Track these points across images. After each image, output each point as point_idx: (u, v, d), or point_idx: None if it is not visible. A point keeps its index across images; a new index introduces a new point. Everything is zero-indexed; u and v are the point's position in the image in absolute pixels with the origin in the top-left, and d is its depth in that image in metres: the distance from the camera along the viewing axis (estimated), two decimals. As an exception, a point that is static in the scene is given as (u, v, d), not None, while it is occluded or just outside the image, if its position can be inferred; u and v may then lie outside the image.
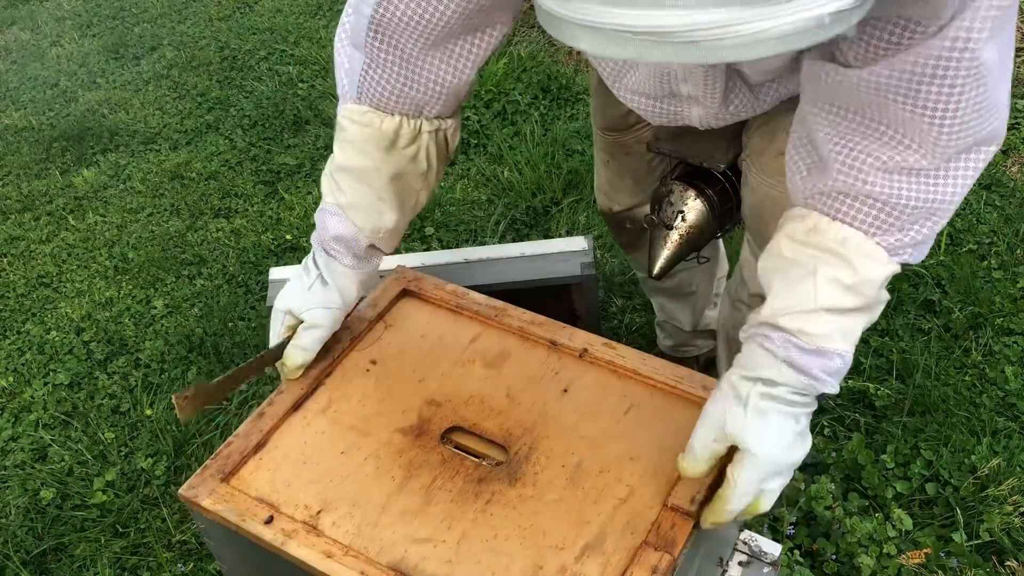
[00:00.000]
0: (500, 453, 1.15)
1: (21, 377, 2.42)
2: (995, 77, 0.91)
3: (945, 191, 0.98)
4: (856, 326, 1.03)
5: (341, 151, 1.25)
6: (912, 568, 1.75)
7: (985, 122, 0.94)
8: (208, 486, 1.13)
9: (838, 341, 1.02)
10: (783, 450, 1.03)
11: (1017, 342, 2.19)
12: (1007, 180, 2.66)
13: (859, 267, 1.00)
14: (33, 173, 3.19)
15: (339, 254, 1.27)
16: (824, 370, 1.02)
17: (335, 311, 1.26)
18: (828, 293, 1.00)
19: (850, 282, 1.00)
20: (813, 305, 1.01)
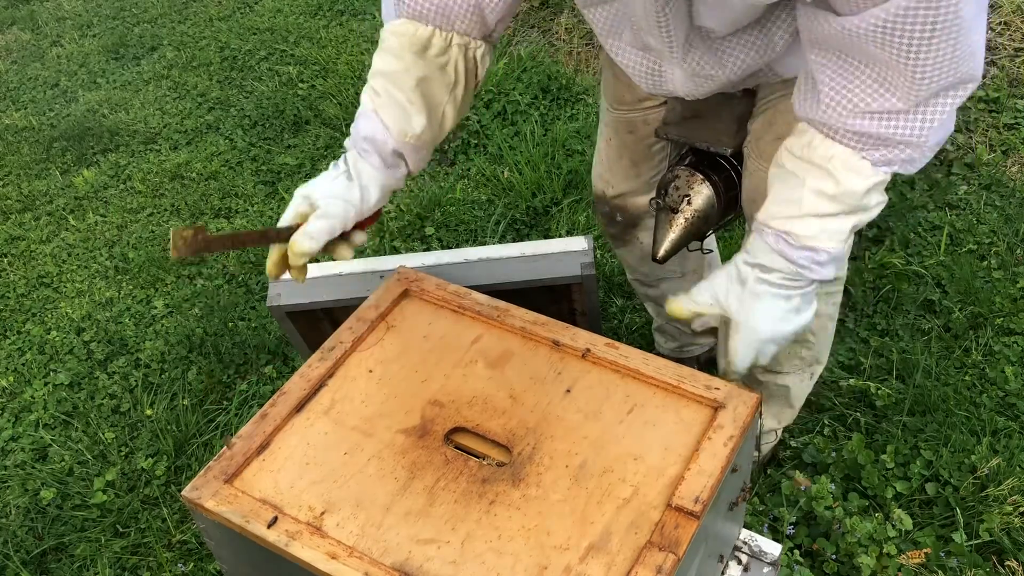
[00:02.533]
0: (503, 454, 1.15)
1: (21, 377, 2.42)
2: (970, 24, 1.01)
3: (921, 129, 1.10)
4: (843, 226, 1.18)
5: (378, 58, 1.35)
6: (912, 568, 1.75)
7: (960, 65, 1.04)
8: (211, 487, 1.13)
9: (824, 240, 1.18)
10: (774, 323, 1.22)
11: (1017, 342, 2.19)
12: (1007, 180, 2.66)
13: (842, 180, 1.14)
14: (33, 173, 3.18)
15: (367, 154, 1.32)
16: (812, 261, 1.19)
17: (351, 207, 1.29)
18: (812, 202, 1.16)
19: (833, 192, 1.15)
20: (799, 212, 1.17)
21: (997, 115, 2.90)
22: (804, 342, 1.67)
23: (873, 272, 2.38)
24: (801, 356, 1.70)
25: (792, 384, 1.76)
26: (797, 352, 1.69)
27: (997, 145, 2.79)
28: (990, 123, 2.88)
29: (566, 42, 3.48)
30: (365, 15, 3.86)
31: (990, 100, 2.94)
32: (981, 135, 2.83)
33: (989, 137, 2.82)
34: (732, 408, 1.16)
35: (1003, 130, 2.85)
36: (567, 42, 3.48)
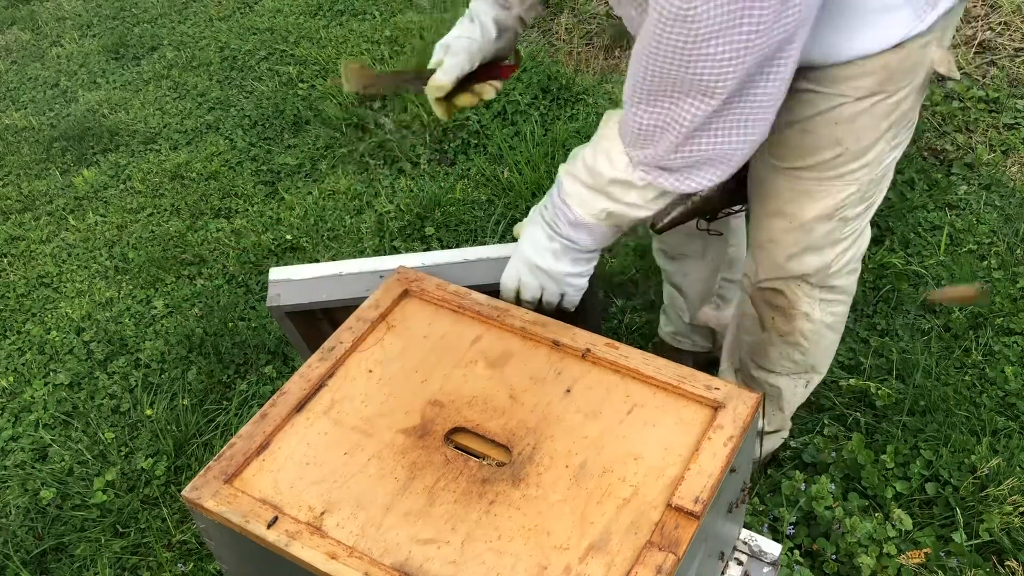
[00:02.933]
0: (503, 454, 1.15)
1: (21, 377, 2.42)
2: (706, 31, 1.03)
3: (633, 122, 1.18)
4: (593, 201, 1.28)
5: None
6: (912, 568, 1.75)
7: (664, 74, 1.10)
8: (211, 487, 1.13)
9: (574, 203, 1.29)
10: (534, 247, 1.34)
11: (1017, 342, 2.19)
12: (1007, 180, 2.66)
13: (597, 159, 1.25)
14: (33, 173, 3.18)
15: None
16: (560, 214, 1.31)
17: (473, 42, 1.50)
18: (579, 166, 1.28)
19: (590, 165, 1.26)
20: (571, 168, 1.30)
21: (997, 115, 2.90)
22: (796, 344, 1.66)
23: (873, 272, 2.38)
24: (793, 359, 1.69)
25: (784, 387, 1.75)
26: (788, 353, 1.68)
27: (997, 145, 2.79)
28: (990, 123, 2.88)
29: (566, 42, 3.48)
30: (365, 15, 3.86)
31: (990, 100, 2.94)
32: (981, 135, 2.83)
33: (989, 137, 2.82)
34: (732, 408, 1.16)
35: (1003, 130, 2.85)
36: (567, 42, 3.48)
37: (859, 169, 1.40)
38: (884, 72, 1.29)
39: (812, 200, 1.44)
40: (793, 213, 1.47)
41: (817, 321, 1.61)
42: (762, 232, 1.54)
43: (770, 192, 1.48)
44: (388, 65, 3.43)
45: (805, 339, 1.65)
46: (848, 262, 1.56)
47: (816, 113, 1.35)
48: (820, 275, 1.54)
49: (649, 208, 1.27)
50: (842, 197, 1.43)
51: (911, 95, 1.35)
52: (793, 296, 1.57)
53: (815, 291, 1.57)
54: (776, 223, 1.50)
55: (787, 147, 1.40)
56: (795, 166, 1.42)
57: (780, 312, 1.61)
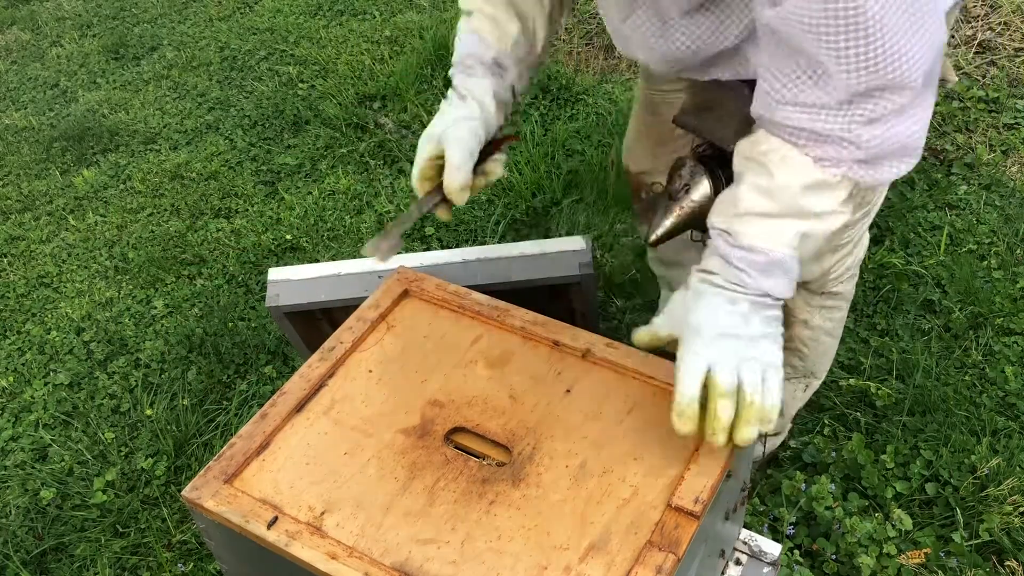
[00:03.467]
0: (503, 454, 1.15)
1: (21, 377, 2.42)
2: (881, 27, 0.97)
3: (849, 124, 1.05)
4: (784, 228, 1.11)
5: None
6: (912, 568, 1.75)
7: (878, 70, 1.00)
8: (211, 487, 1.13)
9: (761, 239, 1.10)
10: (716, 318, 1.10)
11: (1017, 342, 2.19)
12: (1007, 180, 2.66)
13: (776, 173, 1.09)
14: (33, 173, 3.18)
15: (470, 69, 1.35)
16: (748, 263, 1.11)
17: (474, 121, 1.30)
18: (749, 199, 1.11)
19: (767, 186, 1.10)
20: (736, 210, 1.12)
21: (997, 115, 2.90)
22: (795, 350, 1.65)
23: (873, 272, 2.38)
24: (792, 364, 1.68)
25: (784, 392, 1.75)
26: (788, 359, 1.67)
27: (997, 145, 2.79)
28: (990, 123, 2.88)
29: (566, 42, 3.48)
30: (365, 15, 3.86)
31: (990, 100, 2.94)
32: (981, 135, 2.83)
33: (989, 137, 2.82)
34: (732, 408, 1.16)
35: (1003, 130, 2.85)
36: (567, 42, 3.48)
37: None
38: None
39: None
40: None
41: (816, 327, 1.61)
42: None
43: None
44: (388, 65, 3.43)
45: (804, 345, 1.64)
46: (848, 268, 1.55)
47: None
48: (819, 282, 1.54)
49: (843, 213, 1.13)
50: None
51: None
52: (792, 303, 1.56)
53: (814, 298, 1.56)
54: None
55: None
56: None
57: None
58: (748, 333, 1.10)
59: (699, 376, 1.07)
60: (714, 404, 1.06)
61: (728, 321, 1.10)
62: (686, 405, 1.07)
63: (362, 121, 3.19)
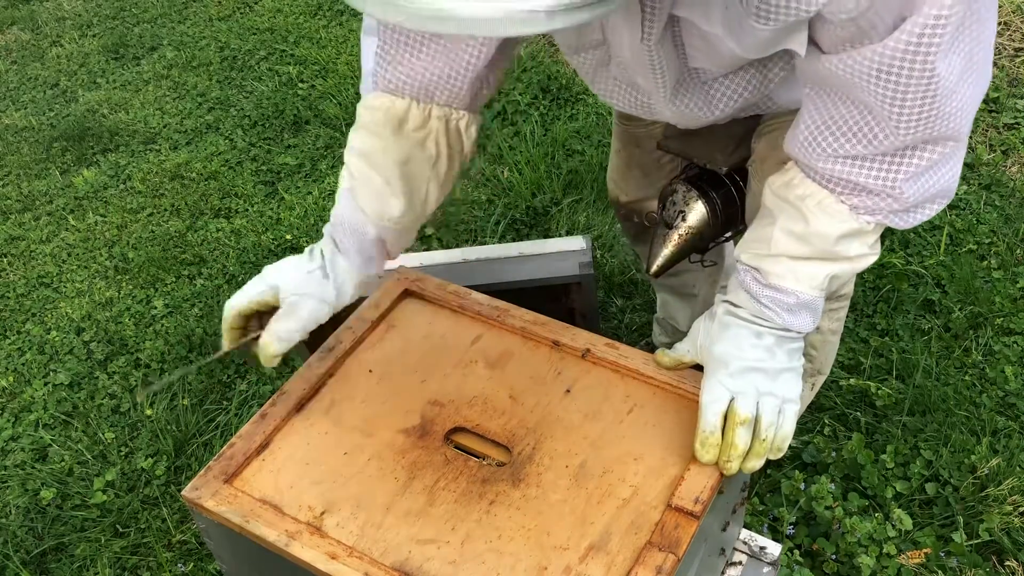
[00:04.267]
0: (503, 454, 1.16)
1: (21, 377, 2.42)
2: (948, 86, 0.97)
3: (891, 179, 1.06)
4: (815, 271, 1.13)
5: (355, 135, 1.27)
6: (912, 568, 1.75)
7: (934, 126, 1.01)
8: (211, 487, 1.13)
9: (791, 282, 1.13)
10: (741, 351, 1.14)
11: (1017, 342, 2.19)
12: (1007, 180, 2.66)
13: (812, 221, 1.11)
14: (33, 173, 3.18)
15: (345, 247, 1.27)
16: (775, 303, 1.14)
17: (325, 306, 1.25)
18: (782, 242, 1.13)
19: (802, 232, 1.11)
20: (768, 251, 1.14)
21: (997, 115, 2.90)
22: (805, 355, 1.66)
23: (873, 272, 2.38)
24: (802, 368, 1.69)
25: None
26: None
27: (997, 145, 2.79)
28: (990, 123, 2.88)
29: (566, 42, 3.48)
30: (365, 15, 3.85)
31: (990, 100, 2.94)
32: (981, 135, 2.83)
33: (989, 137, 2.82)
34: (732, 408, 1.16)
35: (1003, 130, 2.85)
36: (567, 42, 3.48)
37: None
38: None
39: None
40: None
41: (825, 331, 1.62)
42: None
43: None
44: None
45: (813, 349, 1.65)
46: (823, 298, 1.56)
47: None
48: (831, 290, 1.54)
49: (872, 255, 1.15)
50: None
51: None
52: None
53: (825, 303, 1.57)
54: None
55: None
56: None
57: None
58: (773, 367, 1.14)
59: (723, 408, 1.12)
60: (732, 433, 1.11)
61: (753, 355, 1.14)
62: (709, 434, 1.11)
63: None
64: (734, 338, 1.15)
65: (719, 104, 1.26)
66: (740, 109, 1.29)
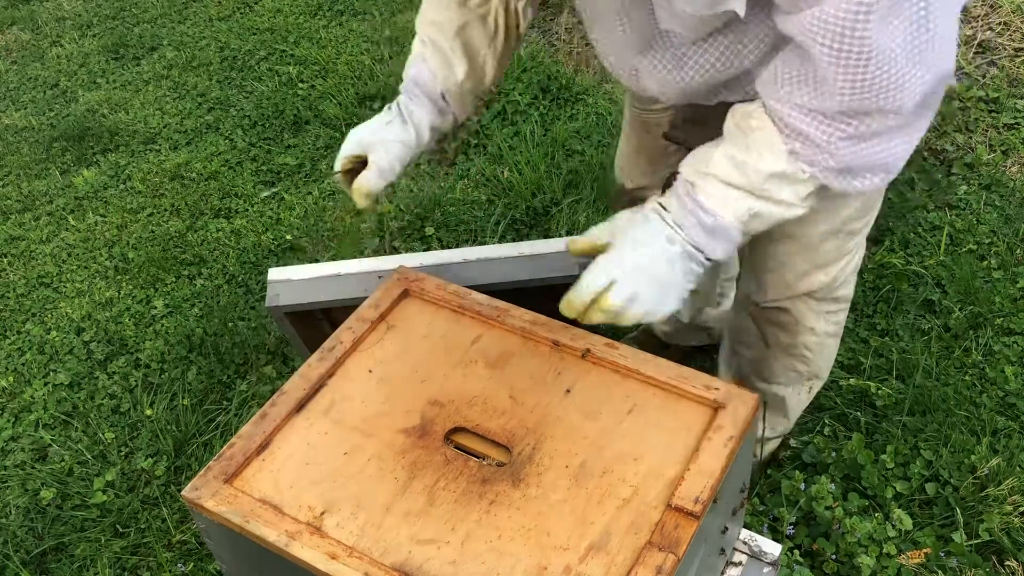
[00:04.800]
0: (503, 454, 1.16)
1: (21, 377, 2.42)
2: (884, 59, 1.01)
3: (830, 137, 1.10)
4: (739, 201, 1.17)
5: (426, 5, 1.45)
6: (912, 568, 1.75)
7: (869, 95, 1.05)
8: (211, 487, 1.13)
9: (716, 202, 1.18)
10: (649, 247, 1.19)
11: (1017, 342, 2.19)
12: (1007, 180, 2.66)
13: (752, 152, 1.15)
14: (33, 173, 3.18)
15: (418, 97, 1.42)
16: (696, 220, 1.19)
17: (407, 147, 1.40)
18: (720, 164, 1.17)
19: (740, 160, 1.16)
20: (706, 168, 1.19)
21: (997, 115, 2.90)
22: (800, 356, 1.66)
23: (873, 272, 2.38)
24: (797, 369, 1.69)
25: (788, 396, 1.75)
26: (792, 365, 1.68)
27: (997, 145, 2.79)
28: (990, 123, 2.88)
29: (566, 42, 3.48)
30: (365, 15, 3.86)
31: (990, 100, 2.94)
32: (981, 135, 2.83)
33: (989, 137, 2.82)
34: (732, 408, 1.16)
35: (1003, 130, 2.85)
36: (567, 42, 3.48)
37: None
38: None
39: (820, 219, 1.44)
40: (802, 234, 1.47)
41: (822, 333, 1.62)
42: (773, 257, 1.54)
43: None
44: (388, 65, 3.43)
45: (809, 351, 1.65)
46: (852, 272, 1.57)
47: None
48: (826, 290, 1.56)
49: (800, 208, 1.18)
50: (849, 211, 1.44)
51: None
52: (799, 313, 1.58)
53: (820, 305, 1.58)
54: (784, 247, 1.50)
55: None
56: None
57: (784, 328, 1.62)
58: (666, 277, 1.20)
59: (599, 290, 1.19)
60: (591, 311, 1.20)
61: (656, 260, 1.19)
62: (577, 305, 1.20)
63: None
64: (650, 233, 1.21)
65: (689, 71, 1.29)
66: (715, 79, 1.31)
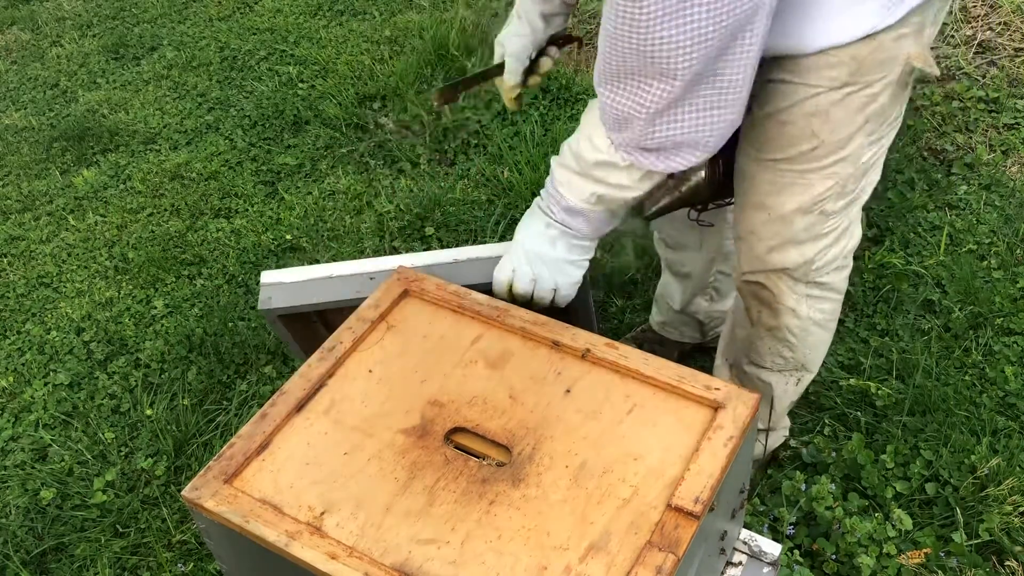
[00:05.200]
0: (503, 454, 1.16)
1: (21, 377, 2.42)
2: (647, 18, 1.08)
3: (606, 104, 1.22)
4: (582, 186, 1.34)
5: None
6: (912, 568, 1.75)
7: (624, 57, 1.14)
8: (211, 487, 1.13)
9: (565, 188, 1.36)
10: (531, 236, 1.40)
11: (1017, 342, 2.19)
12: (1007, 180, 2.66)
13: (581, 142, 1.31)
14: (33, 173, 3.18)
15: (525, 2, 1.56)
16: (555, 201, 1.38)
17: (525, 39, 1.56)
18: (565, 154, 1.35)
19: (575, 151, 1.33)
20: (559, 159, 1.36)
21: (997, 115, 2.90)
22: (784, 340, 1.66)
23: (873, 272, 2.38)
24: (782, 355, 1.69)
25: (775, 384, 1.75)
26: (777, 349, 1.68)
27: (997, 145, 2.79)
28: (990, 123, 2.88)
29: (566, 42, 3.48)
30: (365, 15, 3.86)
31: (990, 100, 2.94)
32: (981, 135, 2.83)
33: (989, 137, 2.82)
34: (732, 408, 1.16)
35: (1003, 130, 2.85)
36: (567, 42, 3.48)
37: (837, 163, 1.41)
38: (854, 63, 1.30)
39: (791, 193, 1.45)
40: (773, 205, 1.48)
41: (804, 318, 1.62)
42: (744, 224, 1.55)
43: (751, 184, 1.49)
44: (388, 65, 3.43)
45: (792, 335, 1.65)
46: (833, 259, 1.56)
47: (792, 104, 1.36)
48: (803, 270, 1.55)
49: (638, 188, 1.32)
50: (821, 190, 1.44)
51: (887, 89, 1.35)
52: (776, 290, 1.58)
53: (799, 286, 1.57)
54: (757, 215, 1.51)
55: (766, 138, 1.42)
56: (774, 157, 1.43)
57: (766, 306, 1.62)
58: (553, 256, 1.39)
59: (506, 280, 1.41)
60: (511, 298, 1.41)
61: (539, 242, 1.39)
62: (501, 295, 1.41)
63: (362, 121, 3.19)
64: (531, 222, 1.40)
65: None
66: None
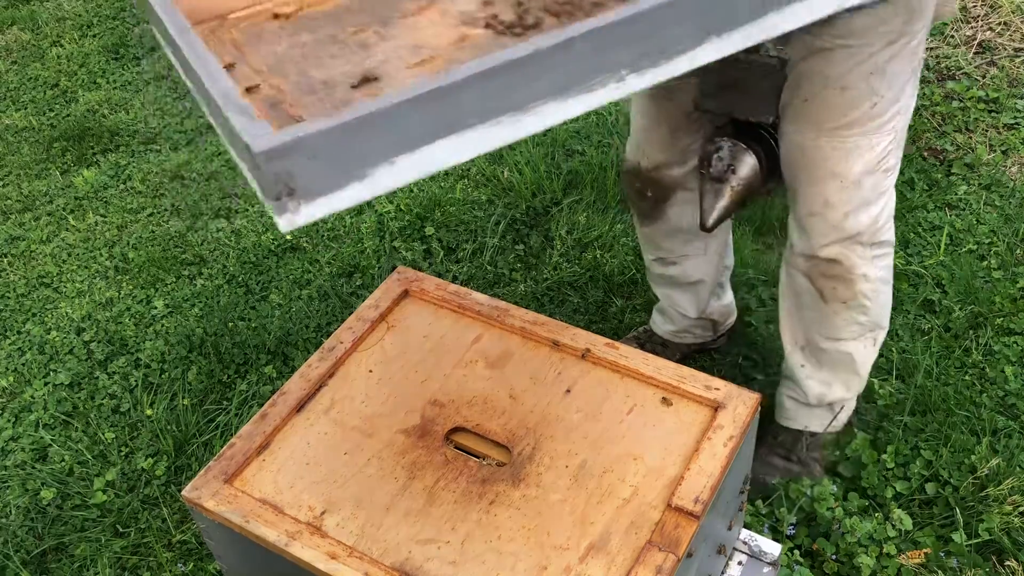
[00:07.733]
0: (503, 454, 1.16)
1: (21, 377, 2.42)
2: None
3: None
4: None
5: None
6: (912, 568, 1.75)
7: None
8: (211, 487, 1.13)
9: None
10: None
11: (1017, 342, 2.19)
12: (1007, 180, 2.66)
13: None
14: (33, 173, 3.18)
15: None
16: None
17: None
18: None
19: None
20: None
21: (997, 115, 2.90)
22: (859, 307, 1.69)
23: (873, 272, 2.38)
24: (859, 322, 1.72)
25: (855, 351, 1.77)
26: (853, 318, 1.70)
27: (997, 145, 2.79)
28: (990, 123, 2.88)
29: (566, 42, 3.48)
30: (365, 15, 3.86)
31: (990, 100, 2.94)
32: (981, 135, 2.83)
33: (989, 137, 2.82)
34: (732, 408, 1.16)
35: (1003, 130, 2.85)
36: (567, 42, 3.48)
37: (894, 117, 1.48)
38: (907, 11, 1.36)
39: (858, 155, 1.50)
40: (843, 172, 1.52)
41: (874, 279, 1.66)
42: (815, 200, 1.57)
43: (816, 158, 1.52)
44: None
45: (867, 299, 1.69)
46: (891, 213, 1.64)
47: (852, 68, 1.40)
48: (870, 231, 1.61)
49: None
50: (883, 147, 1.50)
51: (923, 38, 1.44)
52: (849, 262, 1.62)
53: (867, 250, 1.62)
54: (829, 185, 1.54)
55: (828, 108, 1.46)
56: (838, 125, 1.47)
57: (840, 280, 1.65)
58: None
59: None
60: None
61: None
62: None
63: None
64: None
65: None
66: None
